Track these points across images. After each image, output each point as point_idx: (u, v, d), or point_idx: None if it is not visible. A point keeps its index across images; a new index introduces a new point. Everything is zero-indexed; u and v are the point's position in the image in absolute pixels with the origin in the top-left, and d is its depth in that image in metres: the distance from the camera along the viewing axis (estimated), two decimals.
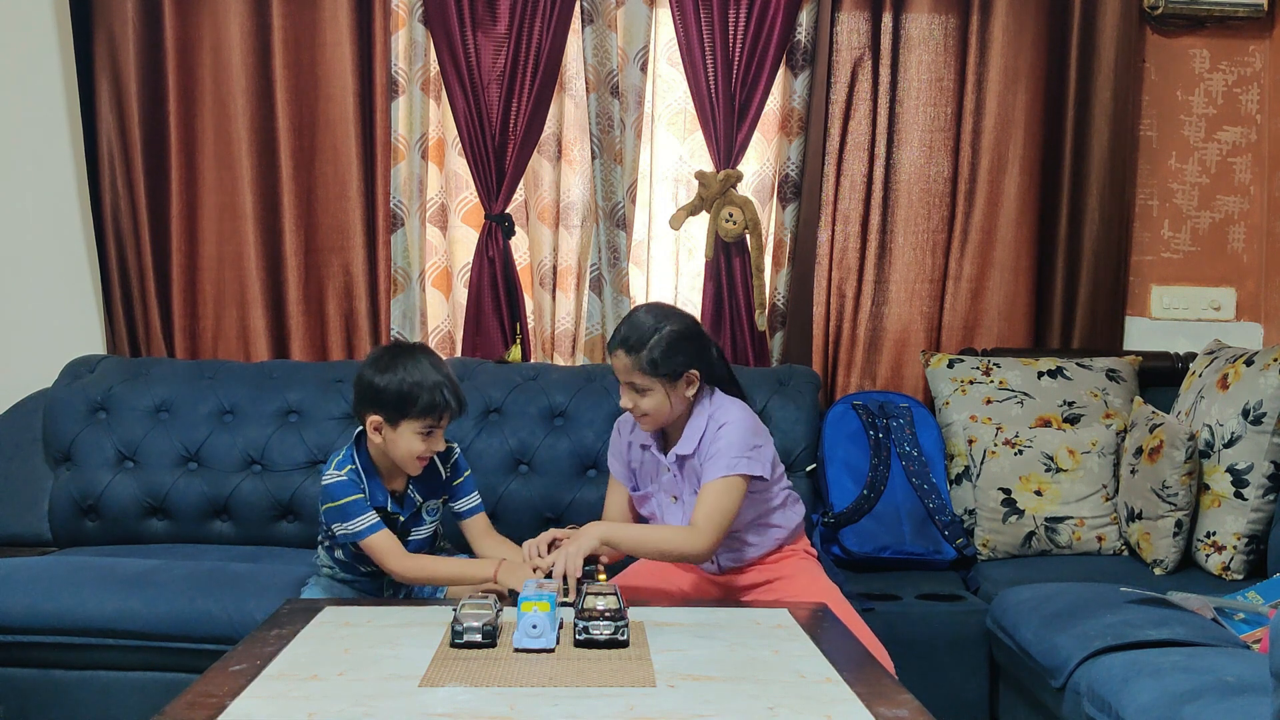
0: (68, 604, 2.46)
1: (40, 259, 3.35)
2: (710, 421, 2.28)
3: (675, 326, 2.27)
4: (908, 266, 3.37)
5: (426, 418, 2.19)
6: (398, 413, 2.19)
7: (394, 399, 2.18)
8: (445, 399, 2.19)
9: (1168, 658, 2.01)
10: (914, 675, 2.34)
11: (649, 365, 2.22)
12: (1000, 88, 3.32)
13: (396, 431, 2.20)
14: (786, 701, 1.63)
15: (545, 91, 3.23)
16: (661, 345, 2.23)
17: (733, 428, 2.25)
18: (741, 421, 2.27)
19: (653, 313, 2.30)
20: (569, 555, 2.10)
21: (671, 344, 2.24)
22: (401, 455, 2.22)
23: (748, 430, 2.27)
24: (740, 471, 2.22)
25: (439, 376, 2.20)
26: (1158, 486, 2.71)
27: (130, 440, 3.01)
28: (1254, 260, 3.49)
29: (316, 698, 1.63)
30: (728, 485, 2.22)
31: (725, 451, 2.23)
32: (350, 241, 3.33)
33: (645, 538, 2.27)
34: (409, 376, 2.18)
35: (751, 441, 2.26)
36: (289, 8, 3.26)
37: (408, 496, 2.31)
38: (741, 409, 2.32)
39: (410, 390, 2.17)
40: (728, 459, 2.22)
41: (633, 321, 2.28)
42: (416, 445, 2.20)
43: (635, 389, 2.25)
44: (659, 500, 2.38)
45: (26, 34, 3.30)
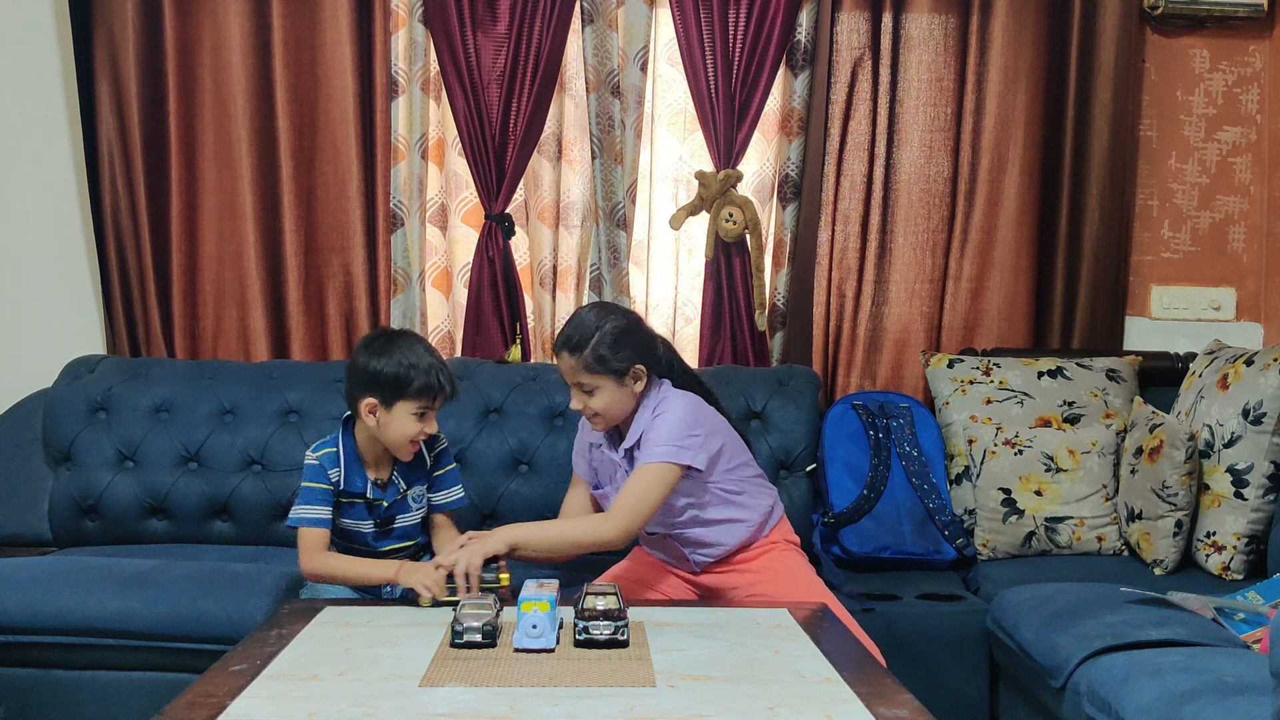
0: (68, 604, 2.46)
1: (40, 259, 3.35)
2: (652, 413, 2.28)
3: (617, 322, 2.27)
4: (908, 266, 3.37)
5: (421, 399, 2.22)
6: (394, 394, 2.22)
7: (390, 380, 2.21)
8: (440, 381, 2.23)
9: (1168, 658, 2.01)
10: (914, 675, 2.35)
11: (594, 363, 2.23)
12: (1000, 88, 3.32)
13: (391, 413, 2.23)
14: (786, 701, 1.63)
15: (545, 91, 3.23)
16: (605, 342, 2.23)
17: (669, 417, 2.25)
18: (681, 411, 2.26)
19: (594, 311, 2.31)
20: (470, 554, 2.10)
21: (614, 340, 2.24)
22: (395, 438, 2.25)
23: (685, 420, 2.25)
24: (670, 460, 2.21)
25: (433, 360, 2.25)
26: (1158, 486, 2.71)
27: (130, 440, 3.01)
28: (1254, 260, 3.49)
29: (316, 698, 1.63)
30: (655, 472, 2.21)
31: (657, 440, 2.23)
32: (350, 241, 3.33)
33: (554, 534, 2.27)
34: (405, 359, 2.22)
35: (687, 431, 2.24)
36: (289, 8, 3.26)
37: (392, 483, 2.33)
38: (685, 400, 2.30)
39: (406, 372, 2.21)
40: (659, 447, 2.22)
41: (575, 321, 2.29)
42: (410, 427, 2.23)
43: (583, 389, 2.26)
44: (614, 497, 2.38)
45: (26, 35, 3.30)
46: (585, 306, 2.36)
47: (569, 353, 2.24)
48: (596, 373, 2.23)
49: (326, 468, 2.28)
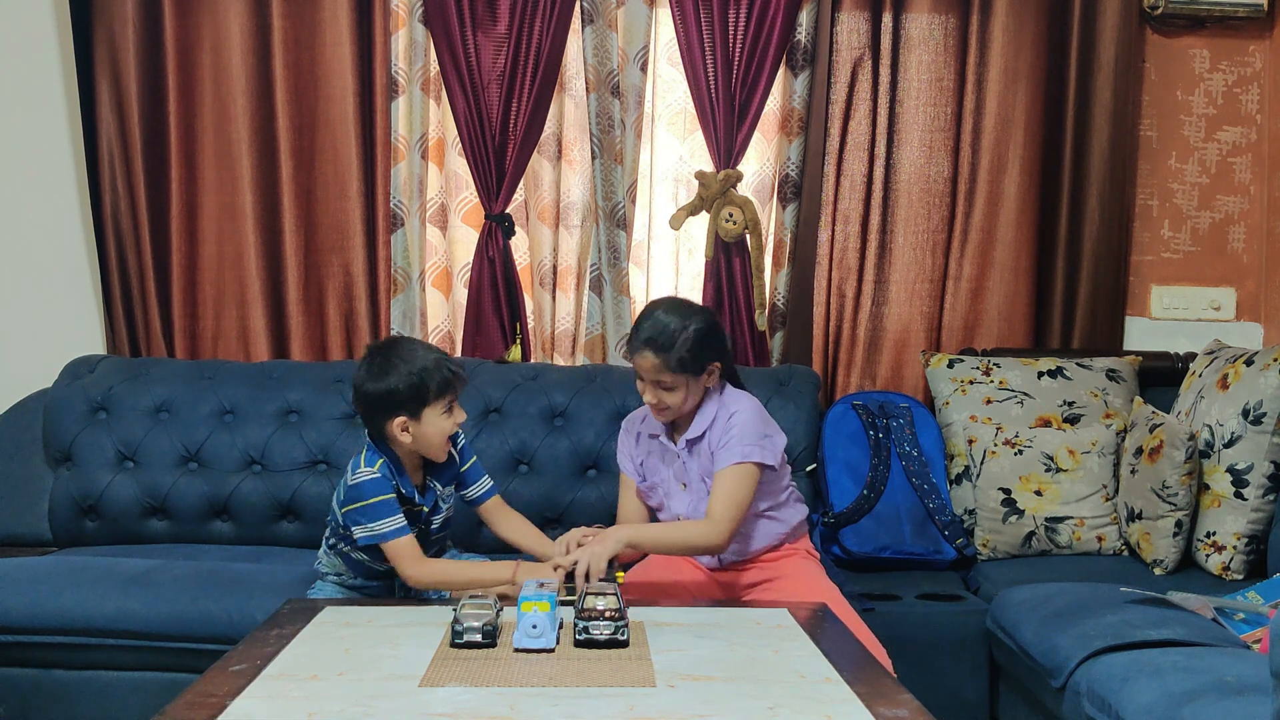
0: (68, 604, 2.46)
1: (40, 259, 3.35)
2: (721, 409, 2.32)
3: (700, 324, 2.30)
4: (908, 266, 3.37)
5: (444, 396, 2.22)
6: (418, 404, 2.21)
7: (408, 394, 2.20)
8: (452, 371, 2.23)
9: (1168, 658, 2.01)
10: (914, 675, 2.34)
11: (678, 365, 2.26)
12: (1000, 88, 3.32)
13: (423, 422, 2.22)
14: (786, 701, 1.63)
15: (545, 91, 3.23)
16: (689, 344, 2.27)
17: (744, 415, 2.29)
18: (753, 410, 2.32)
19: (675, 311, 2.32)
20: (594, 555, 2.11)
21: (699, 341, 2.28)
22: (434, 442, 2.24)
23: (759, 419, 2.32)
24: (753, 459, 2.26)
25: (434, 354, 2.25)
26: (1158, 486, 2.71)
27: (130, 440, 3.01)
28: (1254, 260, 3.49)
29: (316, 698, 1.63)
30: (741, 472, 2.25)
31: (738, 439, 2.26)
32: (350, 241, 3.33)
33: (665, 536, 2.31)
34: (410, 367, 2.21)
35: (763, 430, 2.30)
36: (289, 8, 3.26)
37: (428, 486, 2.33)
38: (751, 399, 2.36)
39: (419, 379, 2.20)
40: (741, 447, 2.26)
41: (657, 321, 2.30)
42: (445, 424, 2.23)
43: (662, 386, 2.29)
44: (666, 488, 2.41)
45: (26, 34, 3.30)
46: (660, 305, 2.36)
47: (654, 353, 2.26)
48: (680, 372, 2.26)
49: (388, 476, 2.23)
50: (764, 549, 2.41)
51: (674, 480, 2.40)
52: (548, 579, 2.00)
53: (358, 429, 2.99)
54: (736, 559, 2.40)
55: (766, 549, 2.41)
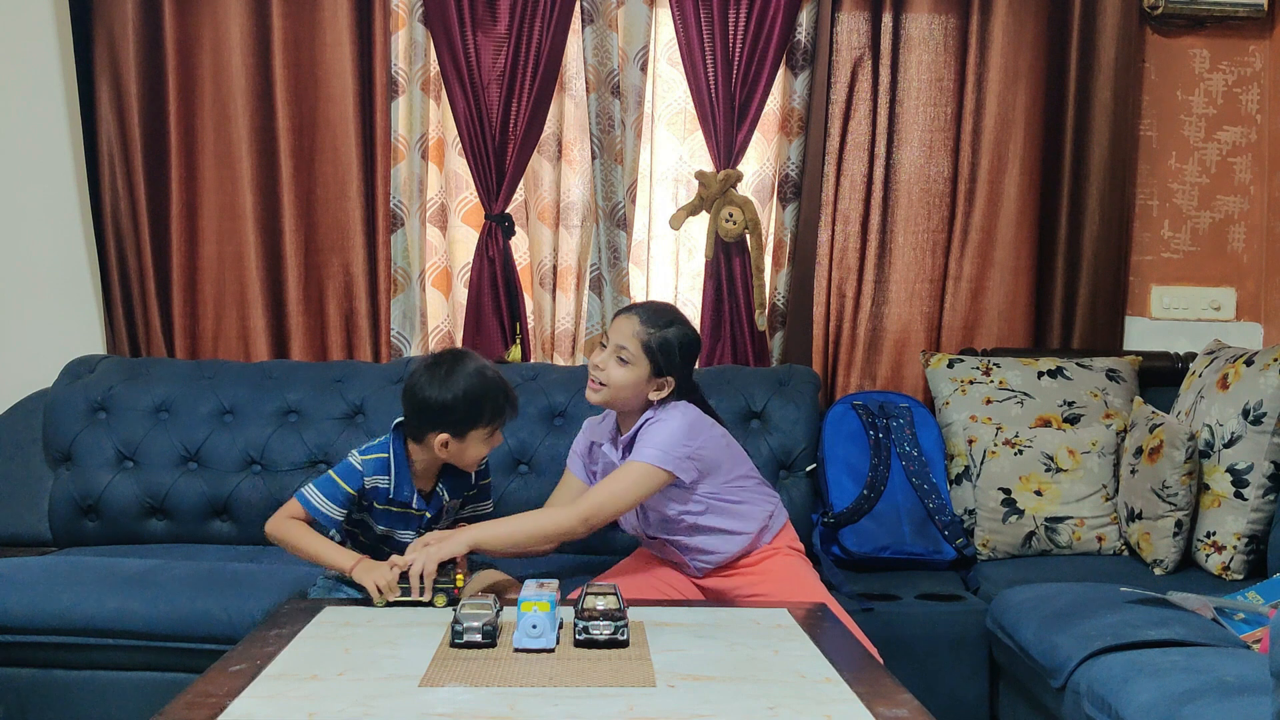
0: (68, 604, 2.46)
1: (40, 259, 3.35)
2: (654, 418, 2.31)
3: (689, 335, 2.34)
4: (908, 266, 3.37)
5: (494, 422, 2.24)
6: (466, 425, 2.22)
7: (462, 413, 2.21)
8: (508, 400, 2.26)
9: (1168, 658, 2.01)
10: (914, 675, 2.35)
11: (654, 344, 2.27)
12: (1000, 88, 3.32)
13: (465, 442, 2.23)
14: (786, 701, 1.63)
15: (545, 91, 3.23)
16: (672, 339, 2.29)
17: (666, 424, 2.27)
18: (677, 422, 2.28)
19: (677, 312, 2.38)
20: (429, 555, 2.10)
21: (679, 346, 2.30)
22: (468, 461, 2.27)
23: (680, 430, 2.26)
24: (657, 464, 2.23)
25: (498, 384, 2.25)
26: (1158, 486, 2.71)
27: (130, 440, 3.01)
28: (1254, 260, 3.49)
29: (316, 698, 1.63)
30: (639, 471, 2.23)
31: (649, 443, 2.25)
32: (350, 241, 3.33)
33: (512, 530, 2.24)
34: (471, 389, 2.21)
35: (682, 441, 2.25)
36: (289, 8, 3.26)
37: (435, 495, 2.33)
38: (684, 412, 2.31)
39: (477, 404, 2.21)
40: (649, 449, 2.24)
41: (658, 305, 2.37)
42: (483, 450, 2.27)
43: (621, 355, 2.27)
44: None
45: (26, 34, 3.30)
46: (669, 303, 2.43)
47: (641, 320, 2.28)
48: (646, 353, 2.27)
49: (366, 473, 2.25)
50: (737, 555, 2.39)
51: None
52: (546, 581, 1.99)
53: (358, 429, 3.00)
54: (711, 568, 2.40)
55: (739, 555, 2.40)
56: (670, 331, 2.29)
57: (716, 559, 2.38)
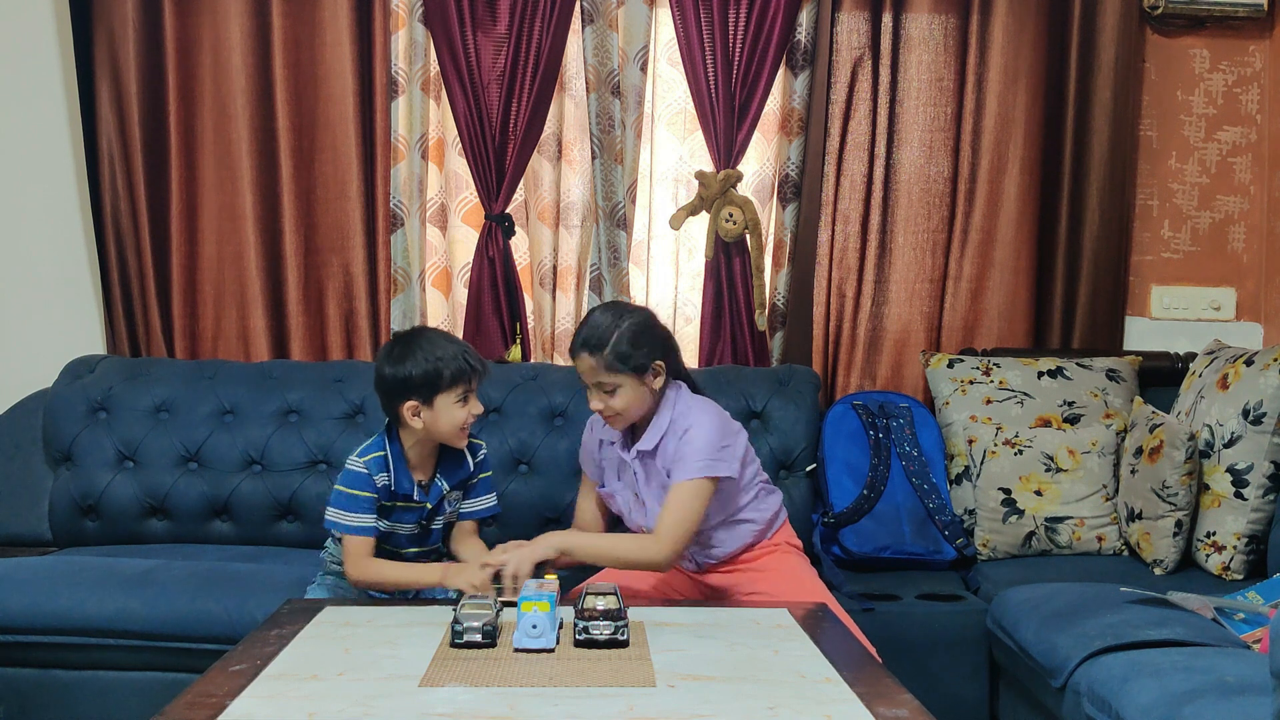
0: (68, 604, 2.46)
1: (40, 259, 3.35)
2: (674, 423, 2.28)
3: (634, 319, 2.28)
4: (908, 266, 3.37)
5: (458, 385, 2.24)
6: (431, 390, 2.23)
7: (422, 380, 2.23)
8: (469, 363, 2.25)
9: (1168, 658, 2.01)
10: (914, 675, 2.34)
11: (615, 361, 2.23)
12: (1000, 88, 3.32)
13: (435, 409, 2.24)
14: (786, 701, 1.63)
15: (545, 91, 3.23)
16: (624, 340, 2.23)
17: (699, 431, 2.24)
18: (708, 423, 2.26)
19: (609, 311, 2.31)
20: (521, 557, 2.10)
21: (634, 336, 2.25)
22: (446, 430, 2.26)
23: (715, 431, 2.26)
24: (707, 475, 2.22)
25: (455, 346, 2.27)
26: (1158, 486, 2.71)
27: (130, 440, 3.01)
28: (1254, 260, 3.49)
29: (316, 698, 1.63)
30: (694, 489, 2.21)
31: (692, 456, 2.22)
32: (350, 241, 3.33)
33: (604, 549, 2.26)
34: (429, 354, 2.24)
35: (719, 443, 2.25)
36: (289, 8, 3.26)
37: (434, 485, 2.34)
38: (706, 408, 2.30)
39: (434, 367, 2.23)
40: (695, 463, 2.21)
41: (590, 322, 2.29)
42: (458, 414, 2.25)
43: (603, 389, 2.25)
44: (624, 499, 2.40)
45: (26, 34, 3.30)
46: (596, 308, 2.35)
47: (588, 353, 2.24)
48: (618, 371, 2.23)
49: (373, 473, 2.27)
50: (740, 549, 2.39)
51: (629, 491, 2.37)
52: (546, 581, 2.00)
53: (358, 429, 2.99)
54: (714, 563, 2.40)
55: (743, 549, 2.40)
56: (616, 338, 2.23)
57: (721, 553, 2.38)
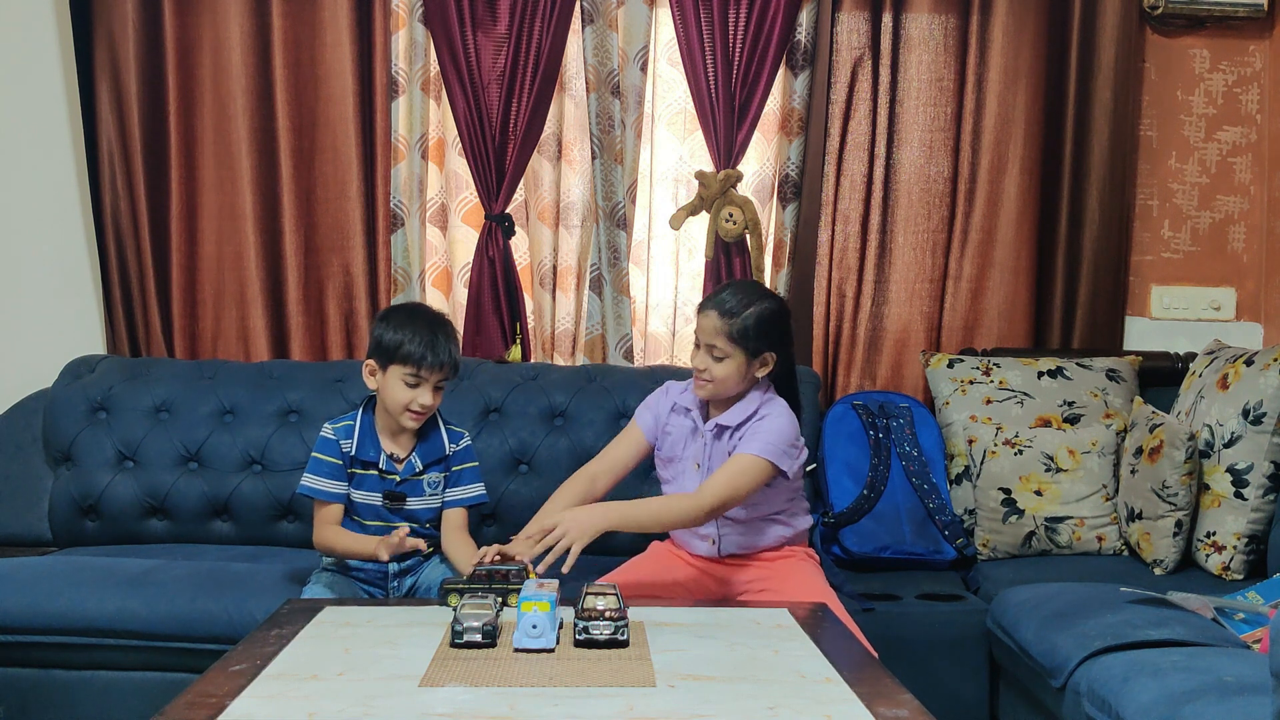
0: (68, 604, 2.46)
1: (40, 259, 3.35)
2: (762, 406, 2.33)
3: (773, 307, 2.33)
4: (908, 266, 3.37)
5: (408, 365, 2.32)
6: (387, 358, 2.34)
7: (385, 345, 2.34)
8: (423, 352, 2.32)
9: (1168, 658, 2.01)
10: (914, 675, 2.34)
11: (737, 334, 2.27)
12: (1000, 88, 3.32)
13: (386, 376, 2.35)
14: (786, 701, 1.63)
15: (545, 91, 3.23)
16: (754, 318, 2.28)
17: (777, 421, 2.30)
18: (786, 420, 2.32)
19: (753, 288, 2.38)
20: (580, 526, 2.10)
21: (766, 322, 2.30)
22: (389, 402, 2.35)
23: (791, 428, 2.32)
24: (770, 458, 2.26)
25: (429, 334, 2.34)
26: (1158, 486, 2.71)
27: (130, 440, 3.01)
28: (1254, 260, 3.49)
29: (316, 698, 1.63)
30: (754, 465, 2.25)
31: (767, 435, 2.27)
32: (350, 241, 3.33)
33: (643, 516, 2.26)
34: (402, 328, 2.34)
35: (791, 440, 2.31)
36: (289, 8, 3.26)
37: (409, 462, 2.40)
38: (789, 411, 2.35)
39: (397, 338, 2.33)
40: (767, 442, 2.26)
41: (732, 287, 2.35)
42: (401, 393, 2.33)
43: (714, 352, 2.29)
44: (681, 464, 2.41)
45: (26, 34, 3.30)
46: (742, 281, 2.42)
47: (720, 315, 2.28)
48: (735, 343, 2.27)
49: (339, 439, 2.38)
50: (766, 547, 2.41)
51: (691, 459, 2.39)
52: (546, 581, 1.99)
53: None
54: (739, 552, 2.40)
55: (767, 548, 2.41)
56: (750, 314, 2.28)
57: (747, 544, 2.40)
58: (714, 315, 2.29)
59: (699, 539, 2.42)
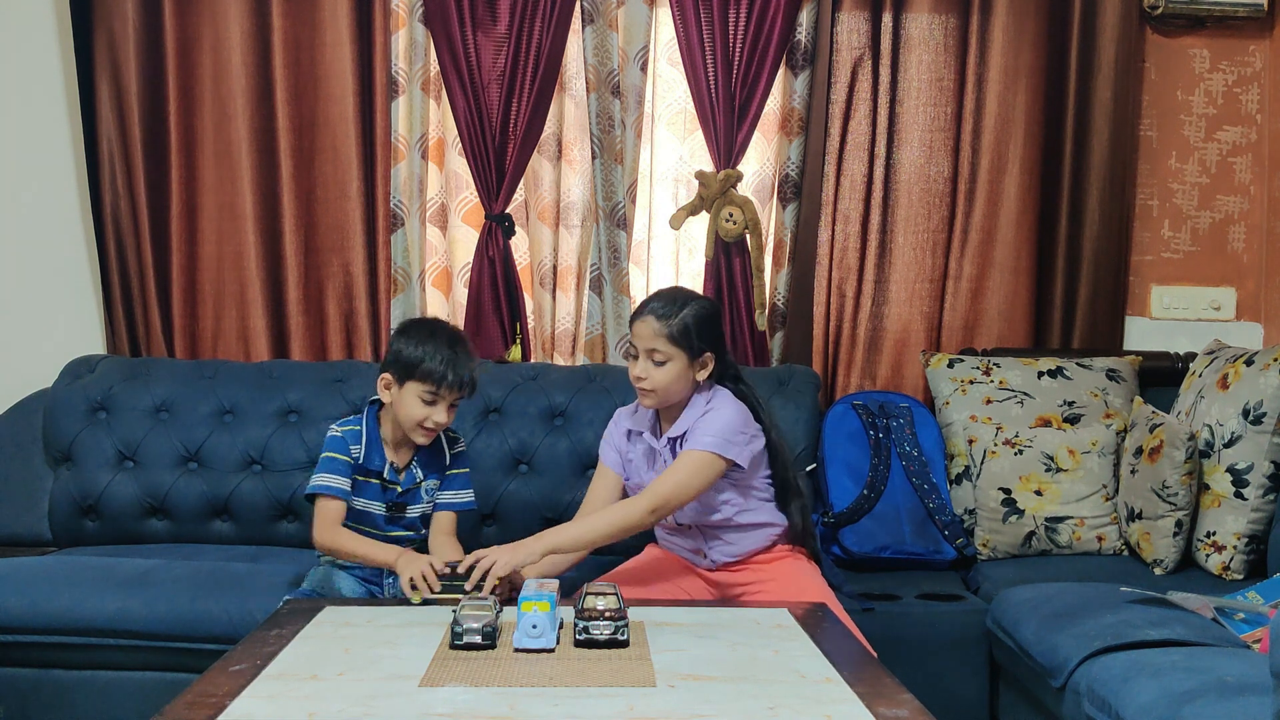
0: (68, 604, 2.46)
1: (40, 259, 3.36)
2: (709, 403, 2.33)
3: (706, 306, 2.35)
4: (908, 266, 3.37)
5: (427, 383, 2.31)
6: (405, 373, 2.33)
7: (405, 360, 2.33)
8: (444, 371, 2.31)
9: (1168, 658, 2.01)
10: (914, 675, 2.34)
11: (677, 334, 2.27)
12: (1000, 88, 3.32)
13: (402, 391, 2.33)
14: (786, 701, 1.63)
15: (545, 91, 3.23)
16: (693, 318, 2.29)
17: (721, 413, 2.29)
18: (731, 411, 2.31)
19: (683, 291, 2.39)
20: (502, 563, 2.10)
21: (702, 320, 2.31)
22: (404, 417, 2.34)
23: (737, 418, 2.30)
24: (716, 451, 2.24)
25: (449, 352, 2.32)
26: (1158, 486, 2.71)
27: (130, 440, 3.01)
28: (1254, 260, 3.49)
29: (316, 698, 1.63)
30: (700, 460, 2.24)
31: (706, 430, 2.27)
32: (350, 241, 3.33)
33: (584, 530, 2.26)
34: (425, 345, 2.33)
35: (738, 429, 2.28)
36: (289, 8, 3.26)
37: (409, 471, 2.40)
38: (734, 401, 2.34)
39: (420, 355, 2.31)
40: (708, 437, 2.26)
41: (664, 293, 2.36)
42: (417, 410, 2.32)
43: (654, 357, 2.29)
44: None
45: (26, 34, 3.30)
46: (671, 287, 2.43)
47: (656, 318, 2.29)
48: (676, 345, 2.28)
49: (349, 442, 2.38)
50: (757, 550, 2.40)
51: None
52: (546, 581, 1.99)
53: None
54: (731, 560, 2.40)
55: (758, 550, 2.40)
56: (687, 313, 2.29)
57: (738, 551, 2.39)
58: (650, 320, 2.29)
59: (690, 554, 2.43)
